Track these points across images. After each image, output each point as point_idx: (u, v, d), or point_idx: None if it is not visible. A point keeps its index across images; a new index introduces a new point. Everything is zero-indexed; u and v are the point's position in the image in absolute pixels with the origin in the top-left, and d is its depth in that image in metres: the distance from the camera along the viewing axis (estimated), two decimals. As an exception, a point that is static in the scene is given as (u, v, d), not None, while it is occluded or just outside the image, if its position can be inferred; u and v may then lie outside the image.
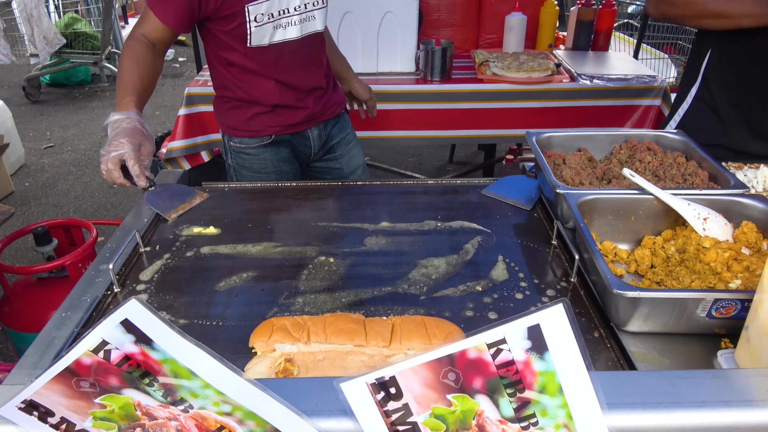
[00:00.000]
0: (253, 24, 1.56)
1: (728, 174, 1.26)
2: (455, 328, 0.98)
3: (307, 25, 1.65)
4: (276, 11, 1.57)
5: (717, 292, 0.91)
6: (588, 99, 2.66)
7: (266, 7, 1.55)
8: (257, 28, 1.57)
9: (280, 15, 1.58)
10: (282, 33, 1.61)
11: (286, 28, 1.61)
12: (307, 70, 1.72)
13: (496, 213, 1.41)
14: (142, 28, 1.53)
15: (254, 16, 1.54)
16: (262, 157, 1.78)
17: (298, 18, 1.61)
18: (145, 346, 0.58)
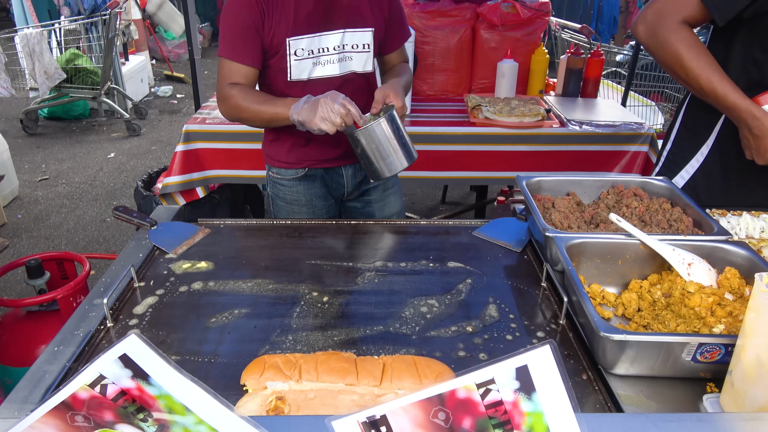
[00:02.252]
0: (293, 58, 1.61)
1: (712, 221, 1.30)
2: (446, 369, 1.00)
3: (346, 65, 1.69)
4: (316, 48, 1.62)
5: (701, 337, 0.94)
6: (577, 144, 2.73)
7: (306, 43, 1.60)
8: (297, 62, 1.62)
9: (319, 52, 1.63)
10: (321, 70, 1.66)
11: (324, 66, 1.66)
12: None
13: (487, 254, 1.43)
14: (227, 80, 1.62)
15: (294, 50, 1.60)
16: (296, 190, 1.81)
17: (336, 57, 1.66)
18: (141, 381, 0.59)
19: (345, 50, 1.67)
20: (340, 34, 1.63)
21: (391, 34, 1.77)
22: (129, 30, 6.54)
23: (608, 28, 9.59)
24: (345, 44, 1.66)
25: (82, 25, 5.77)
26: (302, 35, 1.60)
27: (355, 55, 1.69)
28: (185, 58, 8.62)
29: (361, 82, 1.75)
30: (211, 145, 2.71)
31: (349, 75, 1.71)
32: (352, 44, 1.67)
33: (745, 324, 0.84)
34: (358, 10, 1.65)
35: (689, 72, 1.44)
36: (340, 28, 1.63)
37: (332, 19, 1.62)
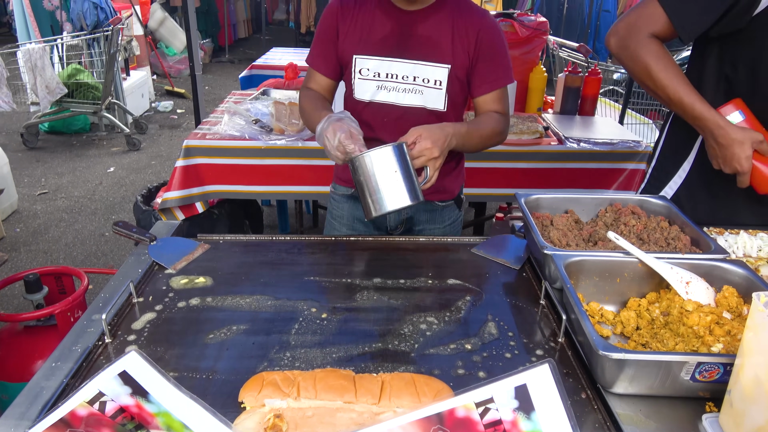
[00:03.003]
0: (358, 76, 1.62)
1: (709, 239, 1.31)
2: (444, 387, 0.99)
3: (414, 97, 1.62)
4: (384, 72, 1.60)
5: (700, 356, 0.94)
6: (575, 161, 2.75)
7: (374, 64, 1.59)
8: (360, 80, 1.62)
9: (387, 77, 1.60)
10: (385, 95, 1.63)
11: (389, 92, 1.62)
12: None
13: (485, 271, 1.44)
14: (305, 83, 1.71)
15: (360, 69, 1.61)
16: (342, 207, 1.83)
17: (404, 87, 1.61)
18: (140, 398, 0.59)
19: (416, 82, 1.60)
20: (412, 65, 1.58)
21: (479, 76, 1.62)
22: (131, 46, 6.59)
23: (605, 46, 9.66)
24: (416, 76, 1.60)
25: (85, 40, 5.82)
26: (370, 55, 1.59)
27: (425, 89, 1.61)
28: (186, 73, 8.68)
29: (429, 119, 1.60)
30: (211, 160, 2.72)
31: (417, 108, 1.63)
32: (423, 78, 1.60)
33: (743, 343, 0.84)
34: (437, 44, 1.57)
35: (657, 83, 1.48)
36: (414, 58, 1.58)
37: (406, 48, 1.58)
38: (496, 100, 1.65)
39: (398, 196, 1.37)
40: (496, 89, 1.64)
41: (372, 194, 1.37)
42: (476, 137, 1.56)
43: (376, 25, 1.59)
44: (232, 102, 3.27)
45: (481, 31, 1.57)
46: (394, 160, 1.36)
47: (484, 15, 1.61)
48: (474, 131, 1.55)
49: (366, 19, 1.59)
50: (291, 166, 2.72)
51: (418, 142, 1.40)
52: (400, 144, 1.38)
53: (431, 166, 1.41)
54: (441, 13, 1.58)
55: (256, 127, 2.77)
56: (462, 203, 1.91)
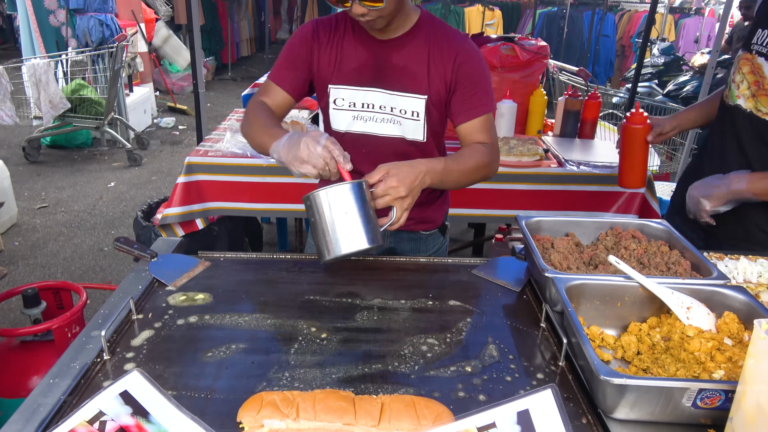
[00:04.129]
0: (332, 106, 1.57)
1: (710, 264, 1.31)
2: (444, 410, 0.99)
3: (391, 128, 1.57)
4: (359, 102, 1.55)
5: (701, 382, 0.93)
6: (575, 184, 2.76)
7: (349, 94, 1.54)
8: (335, 111, 1.57)
9: (362, 107, 1.56)
10: (362, 125, 1.58)
11: (366, 122, 1.57)
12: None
13: (486, 293, 1.43)
14: (263, 96, 1.61)
15: (334, 99, 1.56)
16: None
17: (381, 116, 1.56)
18: (141, 418, 0.59)
19: (393, 113, 1.56)
20: (388, 95, 1.54)
21: (458, 105, 1.55)
22: (135, 62, 6.65)
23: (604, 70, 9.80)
24: (393, 107, 1.55)
25: (89, 56, 5.88)
26: (345, 85, 1.55)
27: (403, 120, 1.56)
28: (188, 90, 8.75)
29: (409, 149, 1.59)
30: (213, 177, 2.73)
31: (396, 139, 1.59)
32: (400, 109, 1.55)
33: (745, 370, 0.84)
34: (413, 74, 1.52)
35: None
36: (390, 89, 1.54)
37: (382, 78, 1.54)
38: (480, 129, 1.55)
39: (353, 239, 1.27)
40: (477, 117, 1.54)
41: (325, 235, 1.28)
42: (456, 173, 1.45)
43: (351, 54, 1.54)
44: (234, 119, 3.29)
45: (458, 58, 1.51)
46: (351, 199, 1.26)
47: (463, 41, 1.54)
48: (453, 167, 1.44)
49: (340, 47, 1.54)
50: (292, 184, 2.73)
51: (384, 181, 1.30)
52: (360, 182, 1.28)
53: (398, 206, 1.32)
54: (416, 40, 1.52)
55: (258, 145, 2.78)
56: (446, 230, 1.88)
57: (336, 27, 1.57)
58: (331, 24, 1.58)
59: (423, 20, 1.55)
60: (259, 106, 1.57)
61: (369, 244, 1.28)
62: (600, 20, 9.45)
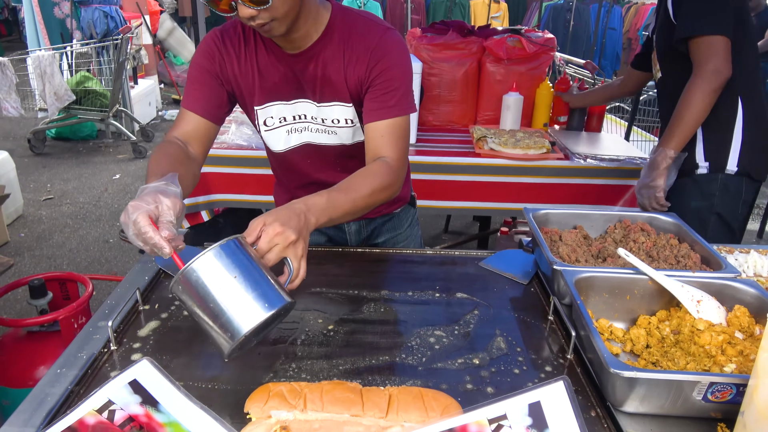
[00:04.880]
0: (263, 128, 1.46)
1: (720, 258, 1.30)
2: (452, 402, 0.98)
3: (329, 137, 1.48)
4: (290, 115, 1.44)
5: (712, 376, 0.92)
6: (581, 177, 2.74)
7: (277, 110, 1.43)
8: (268, 133, 1.47)
9: (294, 119, 1.45)
10: (298, 137, 1.48)
11: (302, 132, 1.48)
12: (338, 171, 1.53)
13: (493, 286, 1.43)
14: (174, 131, 1.40)
15: (264, 120, 1.45)
16: None
17: (315, 127, 1.47)
18: (150, 407, 0.58)
19: (325, 124, 1.45)
20: (316, 107, 1.44)
21: (367, 104, 1.39)
22: (139, 54, 6.64)
23: (611, 63, 9.73)
24: (324, 118, 1.44)
25: (94, 48, 5.87)
26: (270, 102, 1.42)
27: (339, 129, 1.46)
28: (193, 82, 8.72)
29: (356, 152, 1.50)
30: (217, 169, 2.72)
31: (337, 146, 1.50)
32: (332, 119, 1.44)
33: (757, 364, 0.83)
34: (332, 83, 1.39)
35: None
36: (315, 101, 1.43)
37: (305, 91, 1.43)
38: (385, 134, 1.37)
39: (253, 310, 0.96)
40: (384, 119, 1.36)
41: (216, 321, 0.96)
42: (346, 204, 1.25)
43: (269, 69, 1.40)
44: (239, 111, 3.28)
45: (373, 54, 1.35)
46: (228, 263, 0.98)
47: (381, 35, 1.36)
48: (340, 198, 1.24)
49: (255, 63, 1.39)
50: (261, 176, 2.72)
51: (265, 231, 1.08)
52: (231, 240, 1.02)
53: (292, 255, 1.09)
54: (330, 46, 1.37)
55: (263, 137, 2.78)
56: (414, 200, 1.85)
57: (246, 41, 1.39)
58: (238, 36, 1.39)
59: (335, 19, 1.38)
60: (160, 148, 1.32)
61: (275, 307, 0.98)
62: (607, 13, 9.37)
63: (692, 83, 1.90)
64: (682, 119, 1.93)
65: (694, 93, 1.89)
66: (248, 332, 0.95)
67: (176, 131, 1.39)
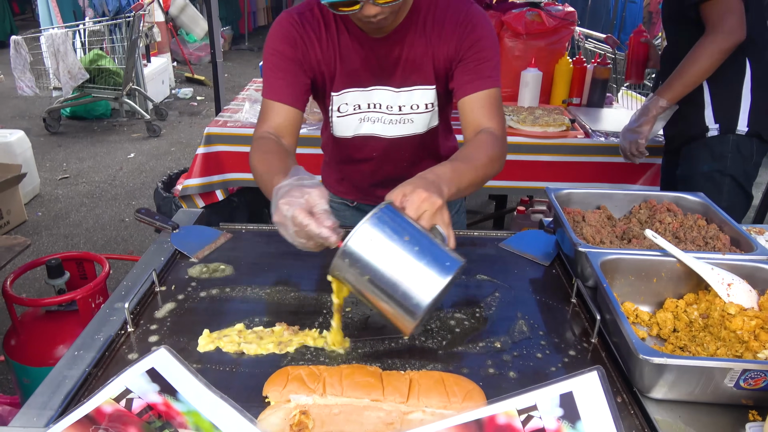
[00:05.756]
0: (336, 114, 1.44)
1: (751, 239, 1.25)
2: (474, 387, 0.96)
3: (402, 127, 1.46)
4: (365, 103, 1.43)
5: (746, 363, 0.89)
6: (601, 155, 2.68)
7: (353, 97, 1.41)
8: (339, 119, 1.45)
9: (370, 108, 1.43)
10: (369, 127, 1.46)
11: (374, 123, 1.45)
12: (398, 165, 1.52)
13: (513, 268, 1.39)
14: (264, 125, 1.37)
15: (338, 106, 1.43)
16: (343, 215, 1.72)
17: (389, 118, 1.44)
18: (169, 396, 0.57)
19: (402, 112, 1.43)
20: (396, 93, 1.42)
21: (459, 78, 1.37)
22: (152, 32, 6.59)
23: (630, 38, 9.47)
24: (402, 105, 1.43)
25: (106, 26, 5.84)
26: (348, 88, 1.41)
27: (415, 116, 1.45)
28: (205, 60, 8.69)
29: (426, 139, 1.50)
30: (232, 148, 2.70)
31: (406, 138, 1.48)
32: (410, 104, 1.43)
33: (796, 351, 0.79)
34: (418, 65, 1.38)
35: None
36: (395, 86, 1.41)
37: (387, 77, 1.41)
38: (484, 105, 1.34)
39: (432, 275, 0.90)
40: (481, 91, 1.34)
41: (393, 294, 0.91)
42: (470, 172, 1.19)
43: (350, 54, 1.37)
44: (253, 89, 3.24)
45: (463, 27, 1.34)
46: (392, 229, 0.92)
47: (468, 8, 1.36)
48: (463, 167, 1.18)
49: (337, 48, 1.37)
50: (311, 155, 2.69)
51: (409, 198, 1.00)
52: (386, 206, 0.96)
53: (440, 221, 1.00)
54: (415, 26, 1.36)
55: (277, 115, 2.74)
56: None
57: (326, 24, 1.36)
58: (317, 20, 1.36)
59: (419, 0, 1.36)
60: (258, 147, 1.32)
61: (457, 264, 0.93)
62: (626, -14, 9.12)
63: (703, 41, 1.89)
64: (685, 73, 1.95)
65: (704, 50, 1.88)
66: (433, 300, 0.89)
67: (266, 125, 1.36)
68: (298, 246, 1.03)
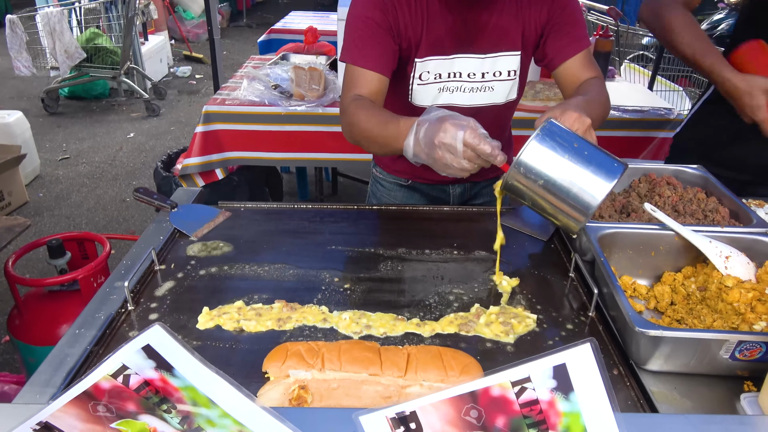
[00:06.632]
0: (417, 81, 1.42)
1: (750, 211, 1.25)
2: (471, 360, 0.97)
3: (482, 96, 1.45)
4: (446, 72, 1.41)
5: (741, 334, 0.90)
6: (603, 129, 2.65)
7: (434, 65, 1.39)
8: (420, 86, 1.42)
9: (449, 77, 1.42)
10: (448, 97, 1.44)
11: (453, 93, 1.44)
12: None
13: (512, 243, 1.39)
14: (350, 90, 1.38)
15: (420, 74, 1.41)
16: (394, 195, 1.71)
17: (470, 86, 1.43)
18: (165, 372, 0.57)
19: (485, 79, 1.42)
20: (479, 60, 1.40)
21: (557, 43, 1.40)
22: (148, 9, 6.52)
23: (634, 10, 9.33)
24: (485, 72, 1.42)
25: (102, 4, 5.76)
26: (431, 56, 1.39)
27: (497, 83, 1.44)
28: (204, 38, 8.60)
29: (501, 112, 1.50)
30: (231, 126, 2.69)
31: (484, 108, 1.46)
32: (494, 71, 1.42)
33: (791, 323, 0.80)
34: (504, 30, 1.37)
35: (676, 40, 1.55)
36: (480, 52, 1.39)
37: (472, 42, 1.39)
38: (585, 64, 1.40)
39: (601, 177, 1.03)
40: (579, 52, 1.39)
41: (567, 196, 1.04)
42: (597, 107, 1.29)
43: (438, 20, 1.36)
44: (251, 67, 3.22)
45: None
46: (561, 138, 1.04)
47: None
48: (591, 101, 1.27)
49: (426, 14, 1.35)
50: (311, 133, 2.68)
51: (562, 120, 1.09)
52: (550, 120, 1.08)
53: (591, 138, 1.10)
54: None
55: (275, 93, 2.73)
56: None
57: None
58: None
59: None
60: (360, 104, 1.33)
61: (621, 166, 1.05)
62: (630, -45, 8.94)
63: None
64: None
65: None
66: (604, 198, 1.02)
67: (361, 91, 1.36)
68: (451, 170, 1.10)
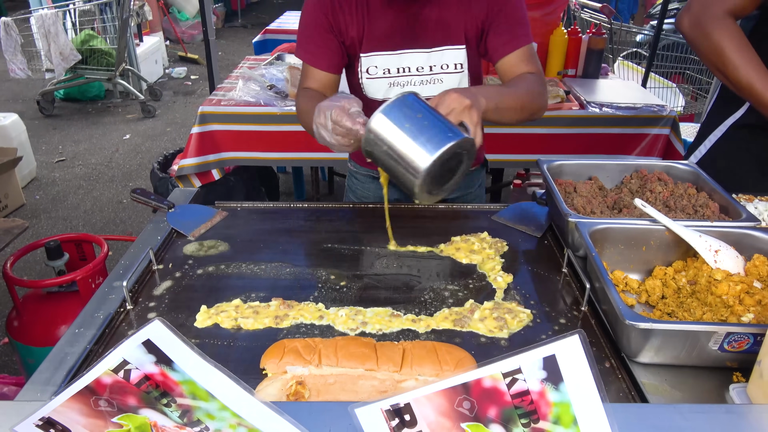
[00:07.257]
0: (365, 75, 1.48)
1: (739, 206, 1.27)
2: (466, 355, 0.99)
3: (432, 88, 1.48)
4: (394, 67, 1.46)
5: (729, 326, 0.91)
6: (597, 126, 2.68)
7: (382, 60, 1.45)
8: (369, 80, 1.48)
9: (399, 72, 1.47)
10: (399, 91, 1.43)
11: (404, 87, 1.49)
12: None
13: (506, 239, 1.41)
14: (302, 83, 1.52)
15: (366, 68, 1.47)
16: (367, 187, 1.76)
17: (419, 79, 1.48)
18: (165, 366, 0.59)
19: (433, 72, 1.48)
20: (426, 54, 1.45)
21: (496, 39, 1.44)
22: (143, 11, 6.51)
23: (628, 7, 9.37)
24: (432, 65, 1.47)
25: (97, 5, 5.76)
26: (377, 51, 1.44)
27: (445, 76, 1.48)
28: (199, 39, 8.60)
29: None
30: (227, 127, 2.70)
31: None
32: (441, 65, 1.47)
33: (777, 314, 0.81)
34: (447, 24, 1.43)
35: (728, 65, 1.41)
36: (426, 47, 1.45)
37: (416, 37, 1.44)
38: (522, 59, 1.43)
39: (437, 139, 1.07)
40: (518, 49, 1.42)
41: (402, 160, 1.09)
42: (511, 96, 1.32)
43: (379, 17, 1.42)
44: (246, 67, 3.23)
45: None
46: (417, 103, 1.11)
47: None
48: (505, 90, 1.32)
49: (366, 10, 1.42)
50: (307, 133, 2.69)
51: (441, 101, 1.15)
52: (411, 93, 1.13)
53: (467, 119, 1.14)
54: None
55: (271, 93, 2.74)
56: (487, 163, 1.88)
57: None
58: None
59: None
60: (304, 94, 1.48)
61: (459, 135, 1.08)
62: (624, -47, 8.96)
63: None
64: None
65: None
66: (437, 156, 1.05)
67: (309, 84, 1.50)
68: (337, 146, 1.21)
